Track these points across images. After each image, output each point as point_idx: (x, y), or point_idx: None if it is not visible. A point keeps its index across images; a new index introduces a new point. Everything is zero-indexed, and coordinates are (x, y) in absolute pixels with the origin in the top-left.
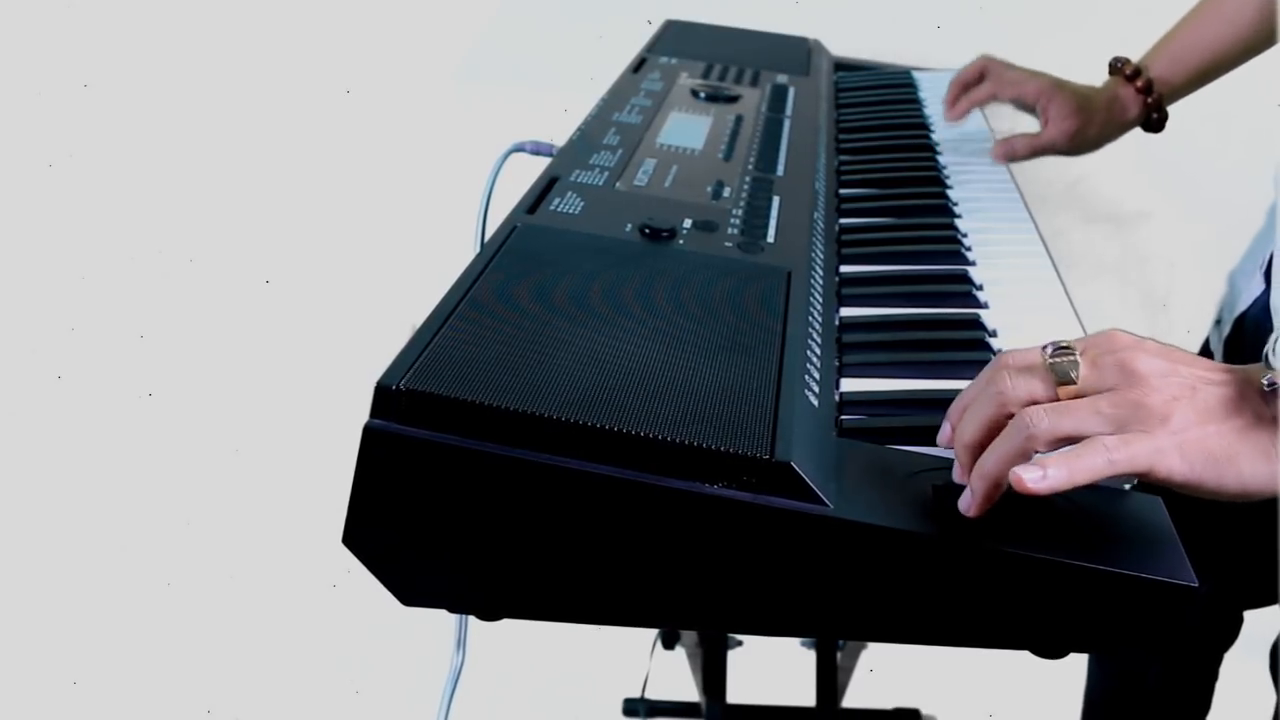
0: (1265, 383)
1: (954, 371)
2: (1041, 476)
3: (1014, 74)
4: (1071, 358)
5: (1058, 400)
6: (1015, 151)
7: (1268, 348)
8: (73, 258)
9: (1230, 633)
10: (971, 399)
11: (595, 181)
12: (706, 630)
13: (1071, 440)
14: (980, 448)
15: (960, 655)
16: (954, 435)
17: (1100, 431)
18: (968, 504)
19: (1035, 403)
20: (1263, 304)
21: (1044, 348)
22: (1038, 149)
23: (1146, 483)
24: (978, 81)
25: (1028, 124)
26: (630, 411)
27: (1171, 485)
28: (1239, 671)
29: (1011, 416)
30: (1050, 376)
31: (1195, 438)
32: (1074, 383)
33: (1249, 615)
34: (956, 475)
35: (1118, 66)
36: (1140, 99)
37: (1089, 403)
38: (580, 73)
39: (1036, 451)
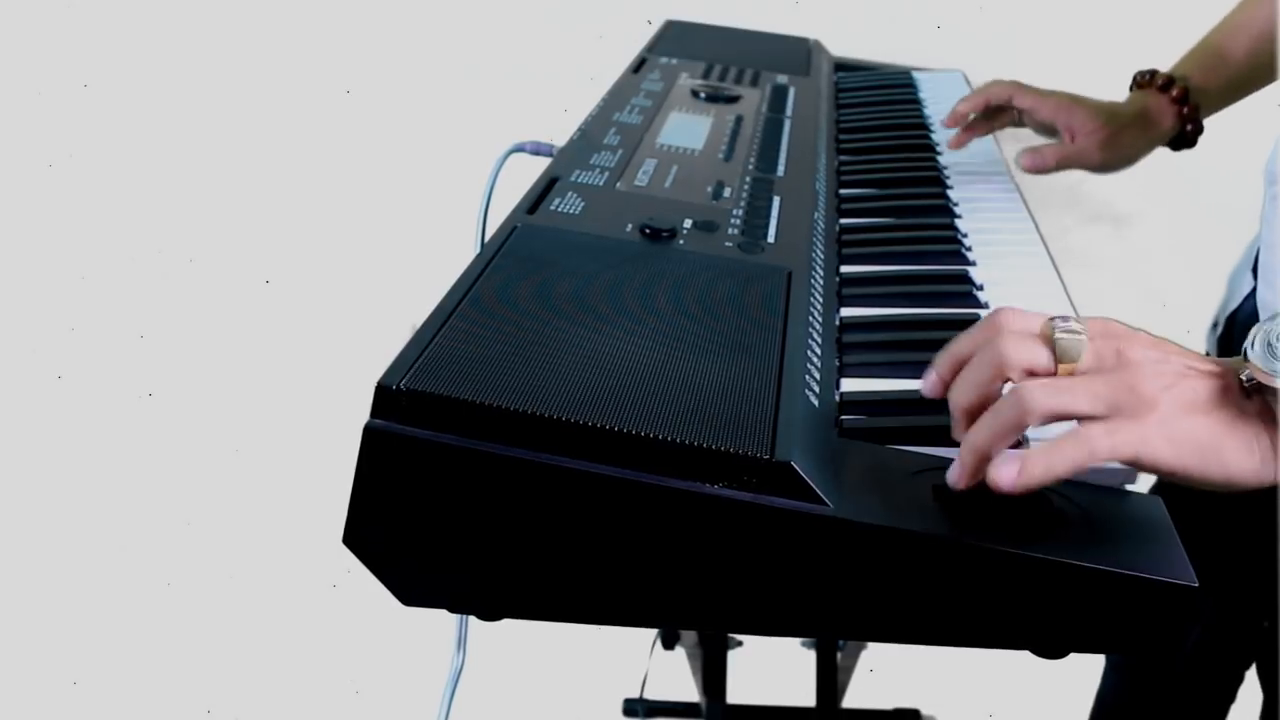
0: (1244, 378)
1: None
2: (1018, 473)
3: (1033, 90)
4: (1080, 337)
5: (1054, 374)
6: (1045, 161)
7: (1246, 343)
8: (73, 258)
9: (1253, 647)
10: (965, 354)
11: (595, 182)
12: (706, 630)
13: (1063, 418)
14: (977, 412)
15: (960, 655)
16: (945, 391)
17: (1093, 413)
18: (957, 475)
19: (1033, 373)
20: (1254, 301)
21: (1050, 319)
22: (1067, 157)
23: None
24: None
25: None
26: (631, 411)
27: (1158, 473)
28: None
29: (1007, 379)
30: (1053, 350)
31: (1184, 427)
32: (1076, 362)
33: None
34: (954, 433)
35: (1146, 79)
36: (1175, 109)
37: (1085, 383)
38: (580, 73)
39: (1028, 426)
